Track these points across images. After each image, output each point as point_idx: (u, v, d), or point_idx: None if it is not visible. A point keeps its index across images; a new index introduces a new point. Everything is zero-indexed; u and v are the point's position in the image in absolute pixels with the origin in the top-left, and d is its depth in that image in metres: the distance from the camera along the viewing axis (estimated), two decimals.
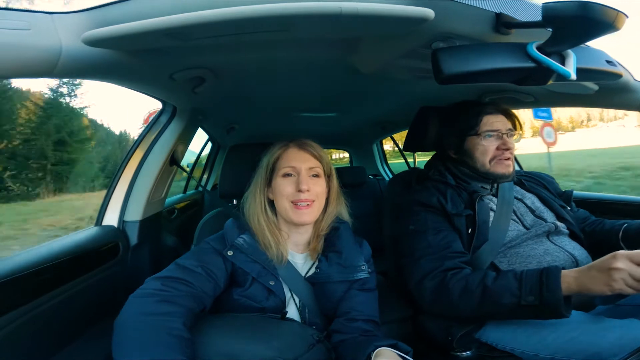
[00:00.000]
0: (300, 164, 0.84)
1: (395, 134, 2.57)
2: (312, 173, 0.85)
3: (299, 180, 0.82)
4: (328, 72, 1.12)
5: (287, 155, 0.86)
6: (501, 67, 0.61)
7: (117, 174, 1.19)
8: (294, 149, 0.87)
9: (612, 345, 0.68)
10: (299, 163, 0.84)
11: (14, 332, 0.73)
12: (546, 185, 1.17)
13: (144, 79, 0.78)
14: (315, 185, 0.84)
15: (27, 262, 0.79)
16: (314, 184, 0.84)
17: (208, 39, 0.56)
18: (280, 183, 0.84)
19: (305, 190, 0.81)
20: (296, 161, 0.85)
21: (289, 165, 0.84)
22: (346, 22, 0.51)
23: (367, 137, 2.66)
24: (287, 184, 0.83)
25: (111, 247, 1.13)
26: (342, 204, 0.93)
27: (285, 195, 0.83)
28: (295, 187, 0.82)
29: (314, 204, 0.83)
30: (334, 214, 0.91)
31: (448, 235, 0.97)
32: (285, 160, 0.86)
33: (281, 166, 0.85)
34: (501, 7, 0.61)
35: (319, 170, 0.86)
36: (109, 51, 0.55)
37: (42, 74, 0.50)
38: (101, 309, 1.03)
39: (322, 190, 0.86)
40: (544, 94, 1.16)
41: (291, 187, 0.83)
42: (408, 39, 0.69)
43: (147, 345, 0.60)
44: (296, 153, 0.86)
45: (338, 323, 0.84)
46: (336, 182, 0.92)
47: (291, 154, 0.86)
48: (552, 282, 0.74)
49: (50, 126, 11.34)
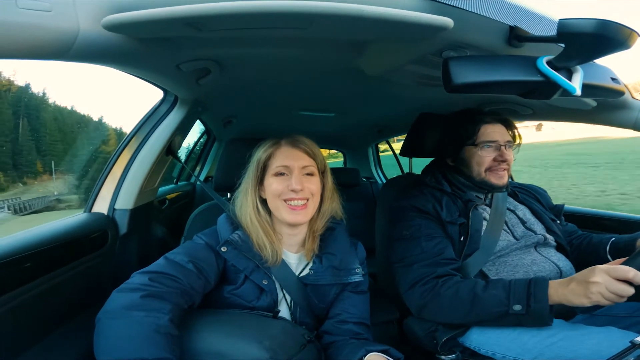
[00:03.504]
0: (293, 162, 0.81)
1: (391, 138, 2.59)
2: (305, 172, 0.82)
3: (292, 179, 0.79)
4: (331, 72, 1.11)
5: (279, 154, 0.83)
6: (510, 80, 0.62)
7: (110, 161, 1.16)
8: (287, 147, 0.83)
9: (590, 351, 0.72)
10: (292, 161, 0.81)
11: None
12: (539, 198, 1.20)
13: (152, 67, 0.76)
14: (309, 183, 0.81)
15: (9, 248, 0.75)
16: (308, 182, 0.81)
17: (223, 32, 0.55)
18: (273, 182, 0.81)
19: (298, 190, 0.79)
20: (289, 159, 0.81)
21: (282, 164, 0.81)
22: (365, 24, 0.51)
23: (363, 139, 2.67)
24: (279, 184, 0.81)
25: (99, 235, 1.09)
26: (336, 201, 0.91)
27: (278, 194, 0.80)
28: (288, 187, 0.79)
29: (308, 203, 0.81)
30: (329, 212, 0.89)
31: (441, 242, 0.99)
32: (277, 159, 0.82)
33: (273, 165, 0.82)
34: (517, 20, 0.62)
35: (312, 169, 0.83)
36: (123, 38, 0.53)
37: (56, 57, 0.48)
38: (84, 301, 0.99)
39: (317, 188, 0.84)
40: (543, 107, 1.19)
41: (284, 187, 0.80)
42: (420, 45, 0.69)
43: (132, 342, 0.57)
44: (289, 151, 0.83)
45: (329, 324, 0.84)
46: (331, 179, 0.90)
47: (283, 152, 0.83)
48: (540, 293, 0.78)
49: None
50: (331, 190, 0.89)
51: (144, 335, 0.58)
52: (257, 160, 0.85)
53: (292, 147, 0.83)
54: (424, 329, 1.02)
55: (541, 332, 0.81)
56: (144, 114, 1.18)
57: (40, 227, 0.95)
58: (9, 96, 3.70)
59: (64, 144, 3.61)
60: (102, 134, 3.35)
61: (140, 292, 0.64)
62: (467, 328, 0.95)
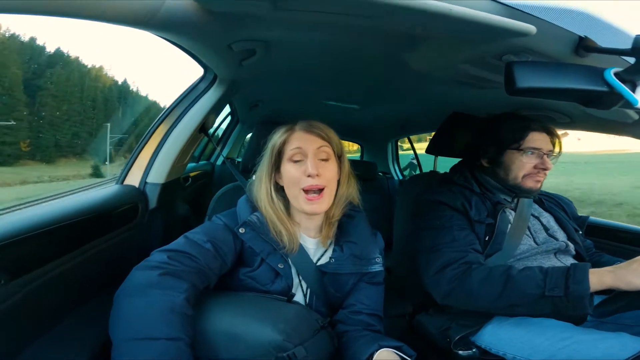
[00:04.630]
0: (307, 145, 0.79)
1: (413, 135, 2.57)
2: (320, 154, 0.80)
3: (308, 163, 0.78)
4: (370, 64, 1.10)
5: (293, 138, 0.82)
6: (575, 88, 0.62)
7: (147, 134, 1.17)
8: (300, 132, 0.82)
9: (603, 354, 0.72)
10: (307, 144, 0.79)
11: (19, 301, 0.65)
12: (564, 207, 1.21)
13: (209, 43, 0.76)
14: (326, 170, 0.79)
15: (39, 220, 0.73)
16: (324, 168, 0.79)
17: (297, 12, 0.55)
18: (289, 169, 0.80)
19: (314, 175, 0.77)
20: (303, 142, 0.80)
21: (296, 147, 0.80)
22: (444, 21, 0.51)
23: (384, 134, 2.66)
24: (296, 170, 0.79)
25: (130, 208, 1.10)
26: (353, 187, 0.88)
27: (295, 182, 0.79)
28: (304, 172, 0.78)
29: (324, 192, 0.79)
30: (345, 197, 0.87)
31: (471, 234, 1.00)
32: (291, 143, 0.81)
33: (288, 149, 0.81)
34: (589, 31, 0.61)
35: (327, 150, 0.81)
36: (201, 10, 0.54)
37: (139, 24, 0.48)
38: (111, 276, 0.96)
39: (333, 176, 0.82)
40: (581, 116, 1.17)
41: (300, 172, 0.78)
42: (482, 46, 0.69)
43: (146, 320, 0.57)
44: (303, 135, 0.81)
45: (342, 314, 0.84)
46: (347, 163, 0.88)
47: (297, 136, 0.81)
48: (580, 275, 0.76)
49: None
50: (347, 175, 0.87)
51: (158, 314, 0.58)
52: (272, 146, 0.84)
53: (306, 131, 0.82)
54: (436, 326, 1.03)
55: (554, 335, 0.81)
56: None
57: (73, 197, 0.96)
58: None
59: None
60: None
61: (159, 270, 0.63)
62: (480, 327, 0.96)
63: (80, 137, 32.20)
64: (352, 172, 0.89)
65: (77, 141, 31.40)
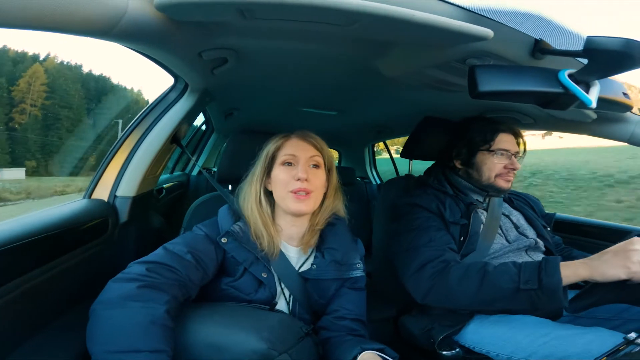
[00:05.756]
0: (300, 152, 0.83)
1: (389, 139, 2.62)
2: (312, 162, 0.84)
3: (299, 168, 0.81)
4: (343, 71, 1.12)
5: (288, 144, 0.85)
6: (532, 90, 0.65)
7: (115, 146, 1.12)
8: (295, 139, 0.86)
9: (582, 349, 0.74)
10: (300, 151, 0.83)
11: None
12: (532, 206, 1.26)
13: (177, 52, 0.74)
14: (315, 177, 0.83)
15: (8, 235, 0.69)
16: (314, 175, 0.83)
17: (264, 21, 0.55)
18: (280, 172, 0.83)
19: (303, 180, 0.79)
20: (297, 149, 0.84)
21: (289, 154, 0.83)
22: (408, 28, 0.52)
23: (361, 139, 2.69)
24: (286, 173, 0.82)
25: (100, 222, 1.05)
26: (339, 199, 0.92)
27: (284, 183, 0.82)
28: (294, 176, 0.80)
29: (312, 195, 0.82)
30: (331, 208, 0.90)
31: (447, 235, 1.03)
32: (285, 149, 0.85)
33: (281, 154, 0.84)
34: (543, 33, 0.65)
35: (319, 159, 0.85)
36: (165, 20, 0.52)
37: (99, 34, 0.46)
38: (82, 292, 0.94)
39: (321, 184, 0.85)
40: (543, 117, 1.24)
41: (290, 176, 0.81)
42: (447, 51, 0.71)
43: (127, 333, 0.56)
44: (297, 142, 0.85)
45: (326, 320, 0.85)
46: (336, 177, 0.92)
47: (292, 143, 0.85)
48: (551, 268, 0.78)
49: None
50: (335, 188, 0.91)
51: (139, 326, 0.57)
52: (267, 152, 0.87)
53: (301, 139, 0.86)
54: (420, 328, 1.05)
55: (534, 331, 0.84)
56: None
57: (40, 212, 0.91)
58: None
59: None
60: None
61: (138, 282, 0.62)
62: (462, 326, 0.98)
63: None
64: (339, 187, 0.93)
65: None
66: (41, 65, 33.69)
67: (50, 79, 33.10)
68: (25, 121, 31.36)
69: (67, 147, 14.10)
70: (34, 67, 32.95)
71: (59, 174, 14.54)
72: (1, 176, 20.62)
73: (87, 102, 34.54)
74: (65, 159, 11.67)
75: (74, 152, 7.80)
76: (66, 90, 32.78)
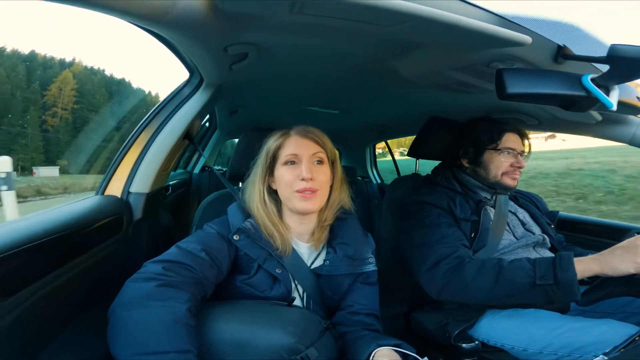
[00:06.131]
0: (302, 151, 0.81)
1: (390, 139, 2.64)
2: (315, 159, 0.82)
3: (302, 168, 0.80)
4: (352, 69, 1.12)
5: (288, 143, 0.83)
6: (557, 93, 0.68)
7: (128, 142, 1.11)
8: (296, 137, 0.84)
9: (597, 339, 0.77)
10: (302, 150, 0.81)
11: (8, 325, 0.57)
12: (536, 204, 1.30)
13: (207, 44, 0.73)
14: (319, 174, 0.81)
15: (14, 237, 0.63)
16: (318, 172, 0.81)
17: (308, 16, 0.55)
18: (284, 172, 0.82)
19: (308, 179, 0.79)
20: (298, 148, 0.82)
21: (291, 153, 0.82)
22: (449, 31, 0.54)
23: (363, 139, 2.71)
24: (290, 173, 0.81)
25: (113, 220, 1.03)
26: (345, 192, 0.91)
27: (289, 184, 0.81)
28: (298, 176, 0.79)
29: (318, 193, 0.81)
30: (338, 202, 0.89)
31: (459, 231, 1.05)
32: (286, 148, 0.83)
33: (283, 154, 0.83)
34: (566, 39, 0.68)
35: (322, 155, 0.84)
36: (211, 10, 0.52)
37: (151, 21, 0.46)
38: (98, 292, 0.92)
39: (327, 179, 0.84)
40: (547, 118, 1.27)
41: (294, 176, 0.80)
42: (474, 55, 0.73)
43: (150, 333, 0.55)
44: (298, 140, 0.83)
45: (340, 316, 0.85)
46: (340, 169, 0.90)
47: (293, 141, 0.83)
48: (565, 262, 0.81)
49: None
50: (340, 180, 0.90)
51: (162, 326, 0.56)
52: (267, 151, 0.85)
53: (302, 136, 0.84)
54: (435, 323, 1.06)
55: (547, 324, 0.87)
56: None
57: (53, 209, 0.88)
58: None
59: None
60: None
61: (155, 281, 0.61)
62: (475, 320, 1.00)
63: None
64: (344, 179, 0.91)
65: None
66: (69, 70, 34.71)
67: (79, 85, 34.89)
68: (57, 123, 32.91)
69: (96, 147, 14.32)
70: (64, 73, 34.47)
71: (87, 171, 14.81)
72: (38, 174, 23.11)
73: (110, 105, 34.87)
74: (93, 157, 11.74)
75: (101, 152, 7.84)
76: (93, 94, 33.72)
